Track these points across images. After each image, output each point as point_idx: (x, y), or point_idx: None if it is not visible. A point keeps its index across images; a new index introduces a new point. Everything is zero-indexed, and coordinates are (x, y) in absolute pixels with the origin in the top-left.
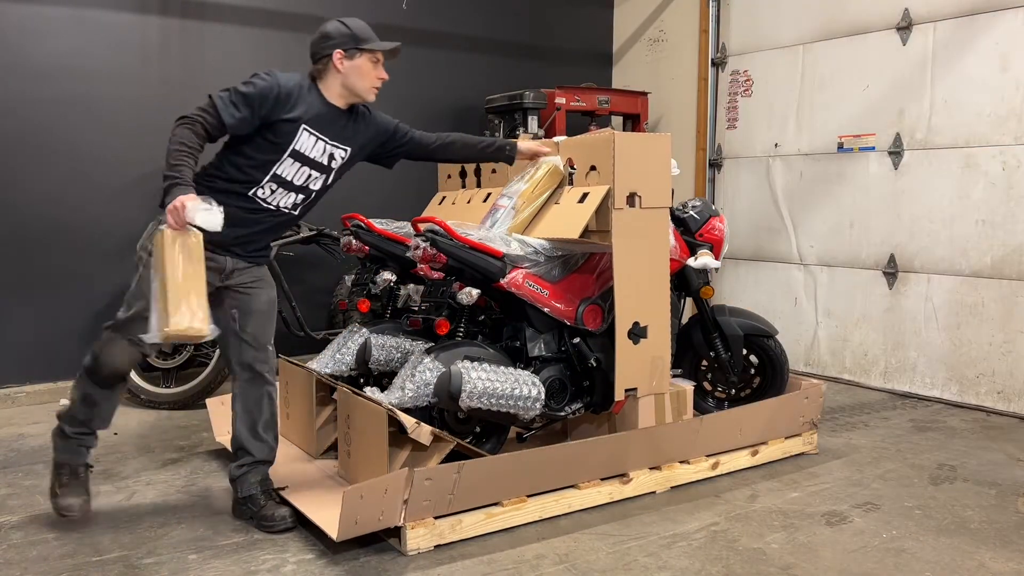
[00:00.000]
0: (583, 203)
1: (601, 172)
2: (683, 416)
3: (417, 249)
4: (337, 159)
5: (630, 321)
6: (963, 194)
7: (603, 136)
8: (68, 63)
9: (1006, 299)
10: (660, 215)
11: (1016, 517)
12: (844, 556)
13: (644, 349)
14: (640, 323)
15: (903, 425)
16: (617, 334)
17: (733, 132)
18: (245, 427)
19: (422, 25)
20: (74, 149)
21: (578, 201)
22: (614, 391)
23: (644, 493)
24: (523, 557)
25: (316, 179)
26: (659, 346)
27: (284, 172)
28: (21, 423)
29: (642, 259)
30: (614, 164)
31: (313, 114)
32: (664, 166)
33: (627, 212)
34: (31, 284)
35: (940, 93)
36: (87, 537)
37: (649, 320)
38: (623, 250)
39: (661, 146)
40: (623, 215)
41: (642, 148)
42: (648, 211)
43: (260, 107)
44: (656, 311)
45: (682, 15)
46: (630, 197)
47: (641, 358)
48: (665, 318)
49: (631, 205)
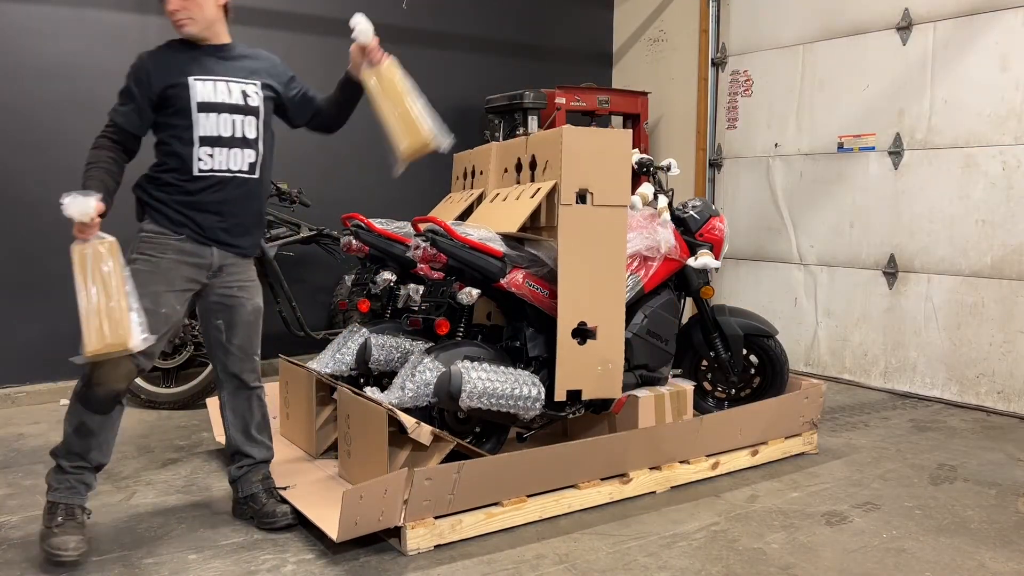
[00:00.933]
0: (532, 197)
1: (551, 167)
2: (683, 416)
3: (417, 249)
4: (253, 96)
5: (574, 320)
6: (963, 194)
7: (553, 130)
8: (68, 63)
9: (1006, 299)
10: (615, 214)
11: (1016, 517)
12: (844, 556)
13: (591, 351)
14: (587, 324)
15: (903, 425)
16: (559, 332)
17: (733, 132)
18: (239, 432)
19: (422, 25)
20: (74, 149)
21: (530, 196)
22: None
23: (644, 493)
24: (523, 557)
25: (248, 124)
26: (609, 349)
27: (206, 130)
28: (21, 423)
29: (592, 258)
30: (562, 159)
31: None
32: (623, 163)
33: (575, 209)
34: (31, 284)
35: (940, 93)
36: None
37: (599, 321)
38: (568, 248)
39: (619, 142)
40: (570, 211)
41: (596, 144)
42: (601, 208)
43: (140, 89)
44: (608, 314)
45: (682, 15)
46: (580, 194)
47: (587, 360)
48: (618, 322)
49: (582, 202)
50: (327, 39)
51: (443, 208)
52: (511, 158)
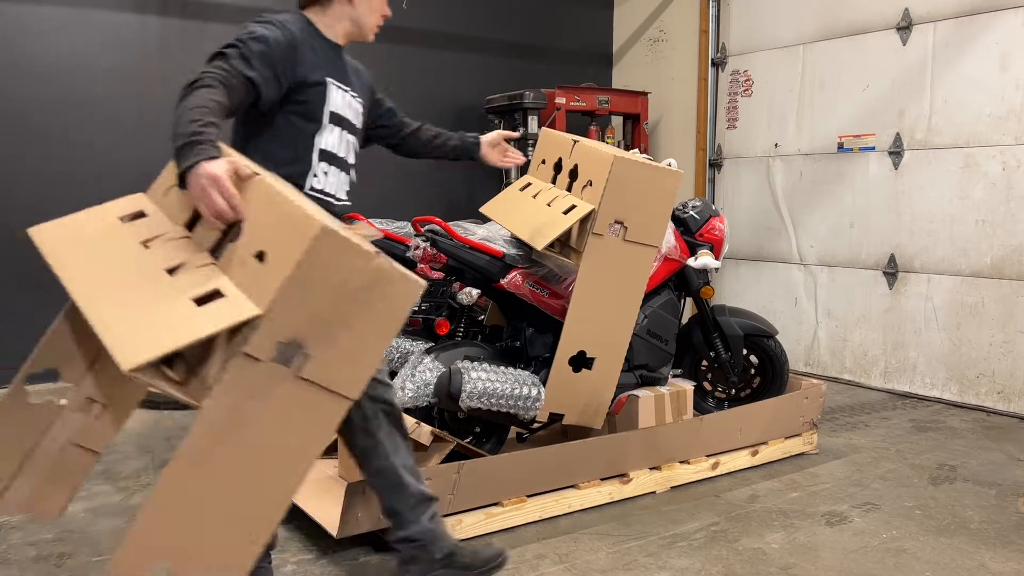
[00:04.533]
0: (566, 215)
1: (593, 189)
2: (683, 416)
3: (417, 249)
4: (362, 117)
5: (575, 348)
6: (963, 194)
7: (604, 155)
8: (68, 63)
9: (1006, 299)
10: (644, 253)
11: (1016, 517)
12: (844, 556)
13: (583, 380)
14: (587, 354)
15: (903, 425)
16: (557, 356)
17: (733, 132)
18: None
19: (422, 25)
20: (74, 149)
21: (563, 212)
22: None
23: (644, 493)
24: (523, 557)
25: (353, 147)
26: (602, 382)
27: (329, 143)
28: None
29: (610, 292)
30: (605, 187)
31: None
32: (666, 203)
33: (606, 240)
34: (31, 284)
35: (940, 93)
36: (87, 537)
37: (599, 354)
38: (588, 276)
39: (668, 182)
40: (600, 242)
41: (644, 178)
42: (632, 246)
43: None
44: (610, 349)
45: (682, 15)
46: (615, 225)
47: (577, 388)
48: (617, 359)
49: (615, 235)
50: None
51: None
52: (554, 153)
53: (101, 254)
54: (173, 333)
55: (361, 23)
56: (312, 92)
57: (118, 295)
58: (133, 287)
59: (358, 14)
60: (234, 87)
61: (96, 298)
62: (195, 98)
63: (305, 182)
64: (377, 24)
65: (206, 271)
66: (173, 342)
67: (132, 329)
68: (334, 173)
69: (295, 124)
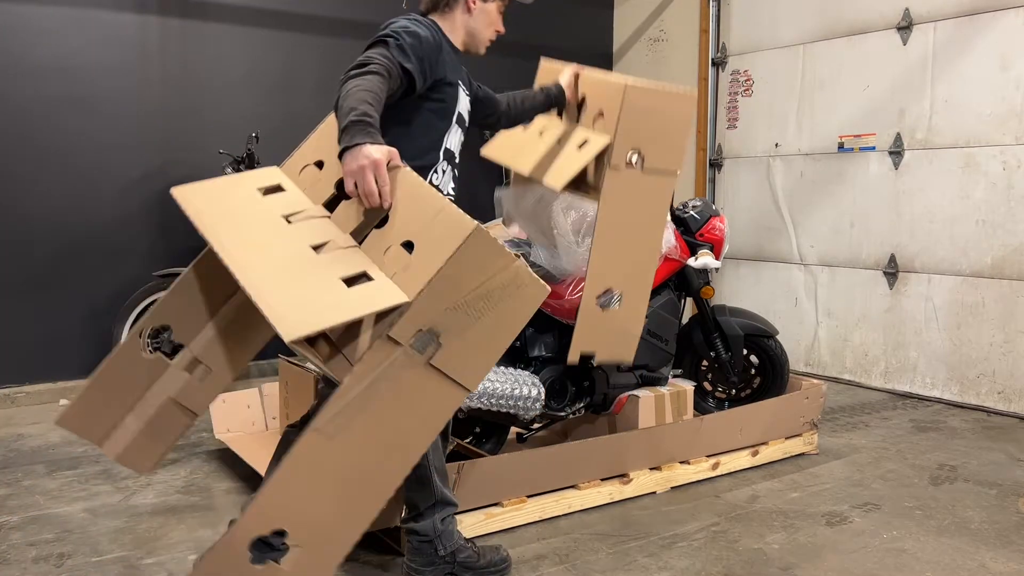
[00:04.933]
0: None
1: (605, 120)
2: (683, 416)
3: None
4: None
5: (602, 287)
6: (963, 194)
7: (615, 83)
8: (68, 63)
9: (1006, 299)
10: (664, 181)
11: (1016, 517)
12: (845, 556)
13: (612, 317)
14: (614, 290)
15: (903, 425)
16: (584, 295)
17: (733, 132)
18: None
19: None
20: (73, 149)
21: (577, 147)
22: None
23: (644, 493)
24: (523, 557)
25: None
26: (630, 319)
27: (452, 143)
28: (21, 423)
29: (632, 224)
30: (619, 118)
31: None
32: (683, 127)
33: (624, 173)
34: (31, 284)
35: (940, 93)
36: (87, 537)
37: (626, 290)
38: (609, 212)
39: (684, 105)
40: (618, 176)
41: (658, 106)
42: (651, 176)
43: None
44: (636, 284)
45: (682, 15)
46: (632, 156)
47: (606, 325)
48: (644, 293)
49: (631, 166)
50: (327, 39)
51: None
52: None
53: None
54: (334, 310)
55: (476, 35)
56: (448, 92)
57: (271, 266)
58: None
59: (475, 26)
60: (394, 76)
61: (249, 266)
62: (367, 81)
63: (426, 177)
64: (490, 39)
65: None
66: (334, 318)
67: (291, 301)
68: (449, 171)
69: (429, 121)
